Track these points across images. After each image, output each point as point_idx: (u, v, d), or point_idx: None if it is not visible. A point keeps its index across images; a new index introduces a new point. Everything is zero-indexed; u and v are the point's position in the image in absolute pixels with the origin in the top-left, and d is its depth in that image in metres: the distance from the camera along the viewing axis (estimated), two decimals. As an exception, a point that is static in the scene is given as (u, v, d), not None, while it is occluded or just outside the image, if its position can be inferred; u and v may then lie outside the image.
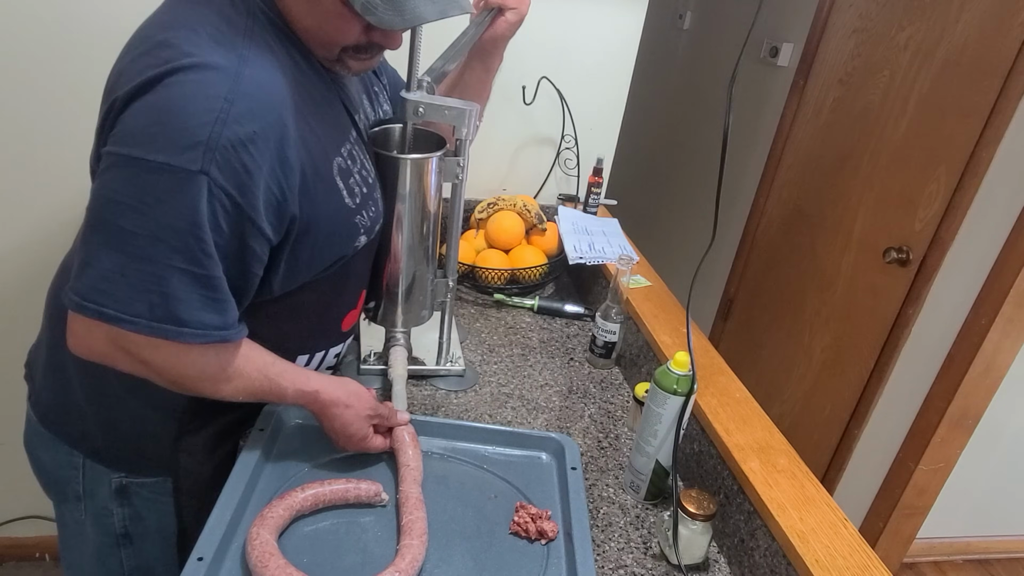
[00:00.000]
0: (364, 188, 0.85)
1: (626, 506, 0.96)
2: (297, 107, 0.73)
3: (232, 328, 0.74)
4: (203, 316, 0.71)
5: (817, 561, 0.77)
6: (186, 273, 0.68)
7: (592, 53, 1.61)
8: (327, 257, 0.83)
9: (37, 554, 1.83)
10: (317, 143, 0.76)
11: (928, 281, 1.80)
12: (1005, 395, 1.84)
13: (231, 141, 0.66)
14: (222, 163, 0.66)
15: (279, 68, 0.72)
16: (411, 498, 0.80)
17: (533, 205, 1.55)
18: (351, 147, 0.84)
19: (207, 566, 0.71)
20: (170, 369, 0.75)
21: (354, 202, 0.83)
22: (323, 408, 0.85)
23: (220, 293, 0.71)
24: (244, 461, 0.85)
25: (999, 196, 1.67)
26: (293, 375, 0.83)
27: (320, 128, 0.77)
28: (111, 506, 0.94)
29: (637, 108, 2.06)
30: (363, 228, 0.86)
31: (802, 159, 2.28)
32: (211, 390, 0.78)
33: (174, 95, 0.65)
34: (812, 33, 2.22)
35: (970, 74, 1.70)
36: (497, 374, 1.21)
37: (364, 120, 0.92)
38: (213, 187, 0.66)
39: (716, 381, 1.09)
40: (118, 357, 0.74)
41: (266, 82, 0.70)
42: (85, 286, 0.68)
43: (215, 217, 0.68)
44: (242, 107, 0.66)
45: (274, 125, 0.69)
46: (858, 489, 2.06)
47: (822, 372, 2.17)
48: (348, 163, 0.82)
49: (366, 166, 0.87)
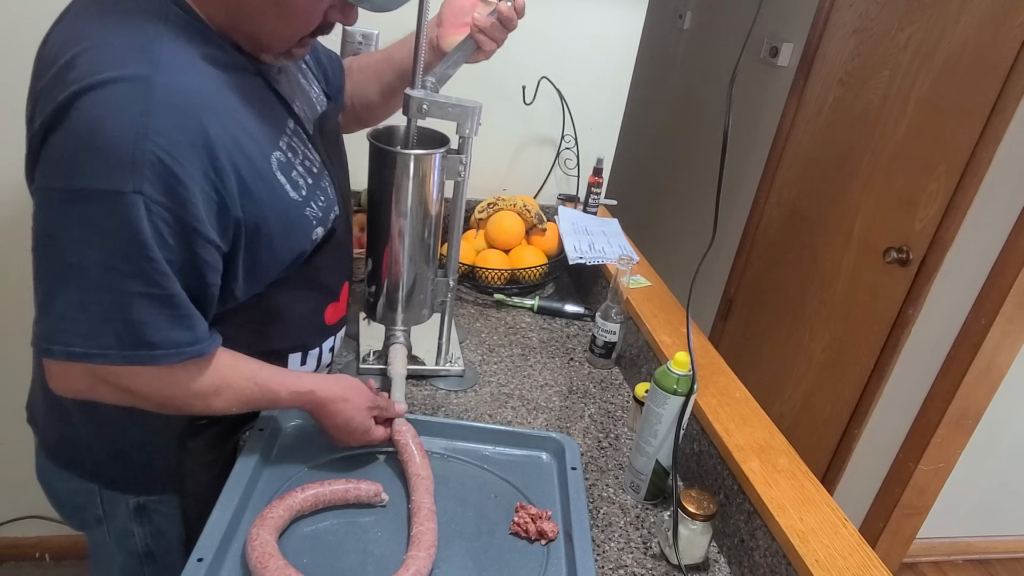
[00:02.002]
0: (309, 179, 0.82)
1: (626, 506, 0.96)
2: (222, 108, 0.71)
3: (204, 341, 0.73)
4: (172, 335, 0.69)
5: (817, 561, 0.77)
6: (145, 296, 0.67)
7: (592, 53, 1.61)
8: (285, 254, 0.81)
9: (37, 554, 1.83)
10: (250, 141, 0.73)
11: (928, 281, 1.80)
12: (1005, 395, 1.84)
13: (156, 155, 0.63)
14: (153, 178, 0.64)
15: (196, 70, 0.69)
16: (423, 509, 0.80)
17: (533, 205, 1.55)
18: (289, 139, 0.81)
19: (207, 566, 0.71)
20: (155, 393, 0.74)
21: (300, 195, 0.80)
22: (321, 406, 0.84)
23: (184, 309, 0.70)
24: (244, 461, 0.85)
25: (999, 196, 1.67)
26: (284, 378, 0.83)
27: (251, 125, 0.74)
28: (131, 526, 0.93)
29: (637, 108, 2.06)
30: (315, 219, 0.83)
31: (802, 159, 2.28)
32: (202, 406, 0.77)
33: (88, 118, 0.63)
34: (812, 33, 2.22)
35: (970, 74, 1.70)
36: (497, 374, 1.20)
37: (305, 106, 0.88)
38: (150, 204, 0.64)
39: (716, 381, 1.08)
40: (101, 391, 0.73)
41: (183, 88, 0.67)
42: (47, 329, 0.67)
43: (160, 234, 0.66)
44: (161, 118, 0.64)
45: (198, 130, 0.67)
46: (858, 489, 2.06)
47: (822, 372, 2.17)
48: (288, 156, 0.79)
49: (309, 156, 0.84)
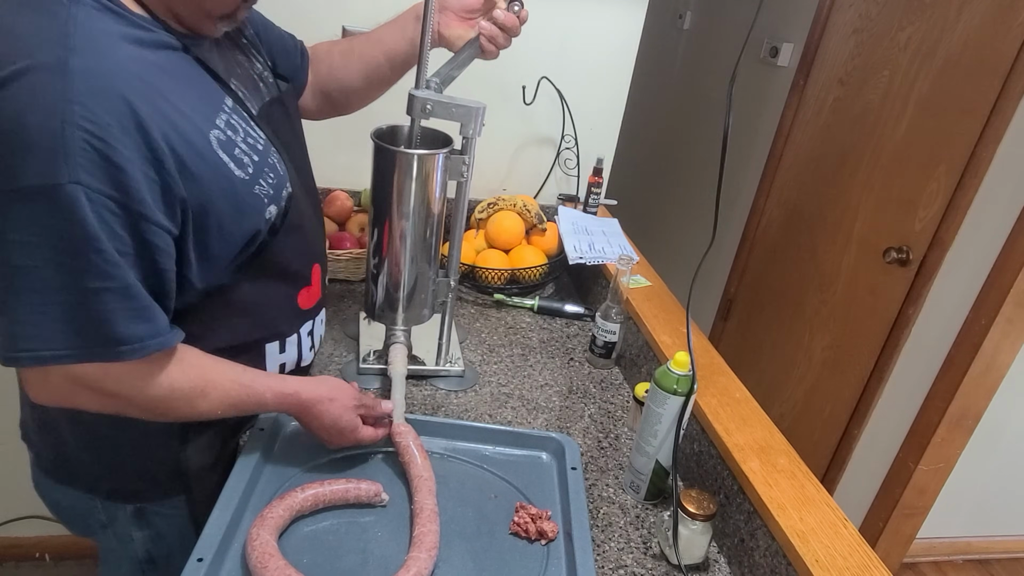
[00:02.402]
0: (255, 156, 0.79)
1: (626, 506, 0.96)
2: (149, 88, 0.67)
3: (166, 333, 0.71)
4: (133, 328, 0.68)
5: (817, 561, 0.77)
6: (101, 291, 0.65)
7: (592, 53, 1.61)
8: (238, 235, 0.78)
9: (37, 554, 1.83)
10: (184, 120, 0.70)
11: (928, 281, 1.80)
12: (1005, 395, 1.84)
13: (87, 141, 0.61)
14: (88, 166, 0.61)
15: (117, 51, 0.66)
16: (425, 510, 0.80)
17: (533, 205, 1.55)
18: (228, 116, 0.77)
19: (207, 566, 0.71)
20: (137, 395, 0.73)
21: (246, 173, 0.77)
22: (307, 408, 0.83)
23: (141, 300, 0.68)
24: (244, 461, 0.85)
25: (999, 196, 1.67)
26: (267, 380, 0.82)
27: (184, 104, 0.70)
28: (131, 531, 0.92)
29: (637, 108, 2.06)
30: (266, 197, 0.80)
31: (802, 159, 2.28)
32: (187, 410, 0.77)
33: (8, 114, 0.60)
34: (812, 33, 2.22)
35: (970, 74, 1.70)
36: (497, 374, 1.20)
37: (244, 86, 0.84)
38: (91, 194, 0.62)
39: (716, 381, 1.08)
40: (82, 397, 0.71)
41: (104, 69, 0.63)
42: (9, 337, 0.65)
43: (107, 224, 0.64)
44: (85, 103, 0.61)
45: (127, 112, 0.63)
46: (858, 489, 2.06)
47: (822, 372, 2.17)
48: (228, 134, 0.76)
49: (252, 133, 0.80)
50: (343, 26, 1.47)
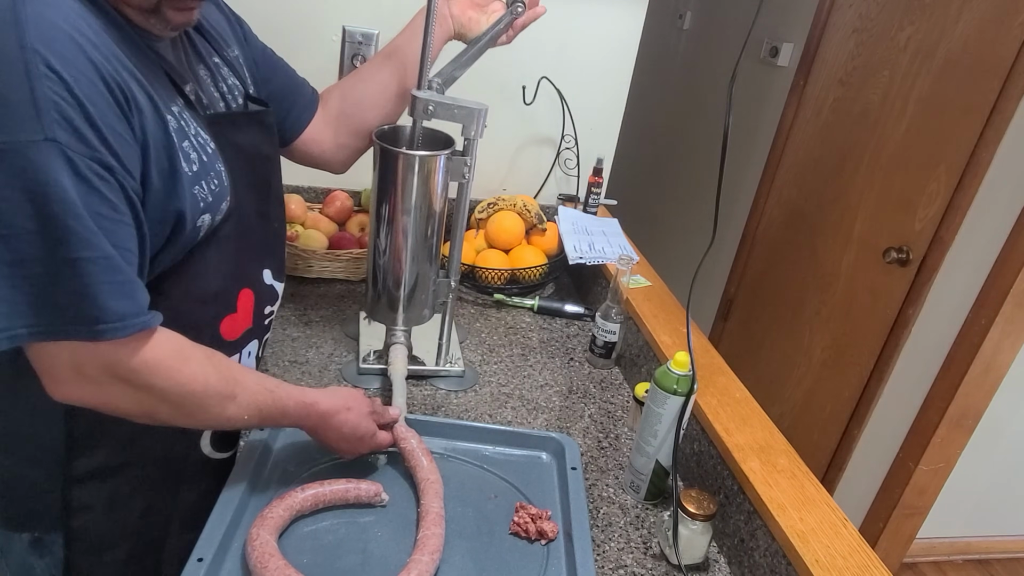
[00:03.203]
0: (204, 156, 0.73)
1: (626, 506, 0.96)
2: (107, 50, 0.62)
3: (147, 312, 0.65)
4: (116, 305, 0.61)
5: (817, 561, 0.77)
6: (81, 261, 0.59)
7: (592, 53, 1.61)
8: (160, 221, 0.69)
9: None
10: (141, 91, 0.65)
11: (928, 281, 1.80)
12: (1005, 395, 1.85)
13: (59, 94, 0.56)
14: (64, 123, 0.56)
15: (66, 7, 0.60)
16: (431, 513, 0.80)
17: (533, 205, 1.55)
18: (180, 110, 0.72)
19: (207, 566, 0.71)
20: (173, 389, 0.67)
21: (191, 168, 0.71)
22: (326, 419, 0.81)
23: (125, 274, 0.62)
24: (244, 461, 0.85)
25: (999, 196, 1.67)
26: (288, 388, 0.79)
27: (141, 78, 0.65)
28: (31, 559, 0.83)
29: (637, 108, 2.06)
30: (203, 201, 0.73)
31: (802, 159, 2.28)
32: (218, 411, 0.72)
33: None
34: (812, 33, 2.22)
35: (970, 74, 1.70)
36: (497, 374, 1.21)
37: (202, 93, 0.79)
38: (70, 153, 0.57)
39: (716, 381, 1.09)
40: (114, 390, 0.65)
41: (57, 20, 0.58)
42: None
43: (91, 186, 0.59)
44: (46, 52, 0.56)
45: (89, 64, 0.59)
46: (858, 489, 2.07)
47: (822, 372, 2.17)
48: (181, 123, 0.71)
49: (201, 135, 0.74)
50: (343, 26, 1.47)
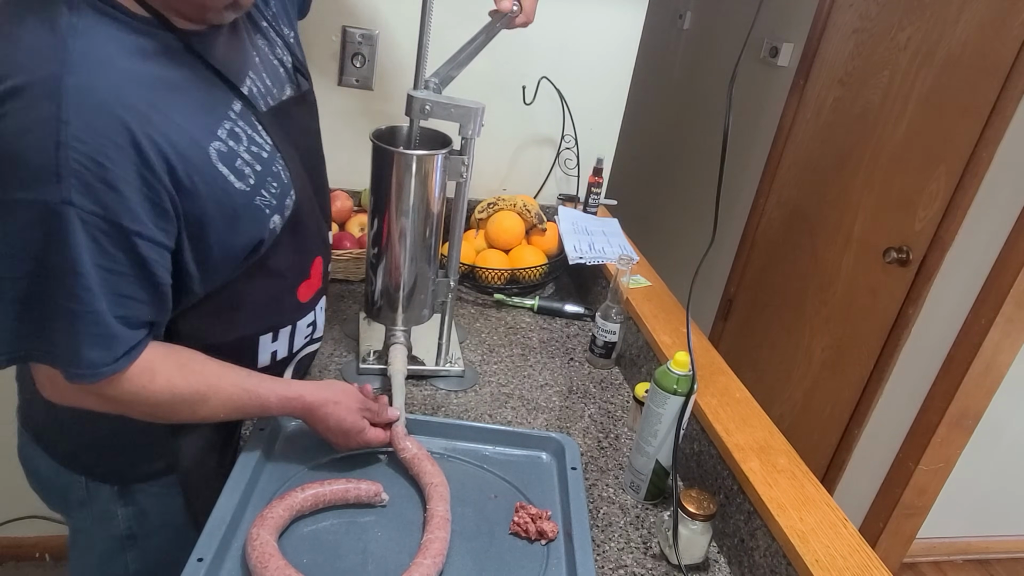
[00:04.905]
0: (258, 166, 0.78)
1: (626, 506, 0.96)
2: (146, 104, 0.67)
3: (119, 359, 0.70)
4: (89, 353, 0.68)
5: (817, 561, 0.77)
6: (69, 311, 0.65)
7: (592, 53, 1.61)
8: (239, 247, 0.78)
9: (37, 554, 1.83)
10: (182, 135, 0.69)
11: (928, 281, 1.80)
12: (1005, 395, 1.84)
13: (81, 162, 0.61)
14: (81, 187, 0.62)
15: (113, 66, 0.65)
16: (435, 516, 0.80)
17: (533, 205, 1.55)
18: (232, 125, 0.76)
19: (207, 566, 0.71)
20: (139, 401, 0.74)
21: (247, 184, 0.76)
22: (312, 411, 0.84)
23: (103, 327, 0.68)
24: (244, 461, 0.85)
25: (999, 196, 1.67)
26: (272, 384, 0.82)
27: (182, 117, 0.70)
28: (114, 507, 0.91)
29: (637, 108, 2.06)
30: (268, 208, 0.79)
31: (802, 159, 2.28)
32: (189, 413, 0.78)
33: (3, 131, 0.61)
34: (812, 33, 2.22)
35: (970, 74, 1.70)
36: (497, 374, 1.20)
37: (260, 80, 0.83)
38: (83, 215, 0.62)
39: (716, 381, 1.08)
40: (89, 400, 0.73)
41: (99, 86, 0.63)
42: None
43: (98, 244, 0.64)
44: (79, 123, 0.61)
45: (122, 130, 0.64)
46: (858, 489, 2.06)
47: (822, 372, 2.17)
48: (231, 144, 0.75)
49: (256, 140, 0.78)
50: (343, 26, 1.47)
